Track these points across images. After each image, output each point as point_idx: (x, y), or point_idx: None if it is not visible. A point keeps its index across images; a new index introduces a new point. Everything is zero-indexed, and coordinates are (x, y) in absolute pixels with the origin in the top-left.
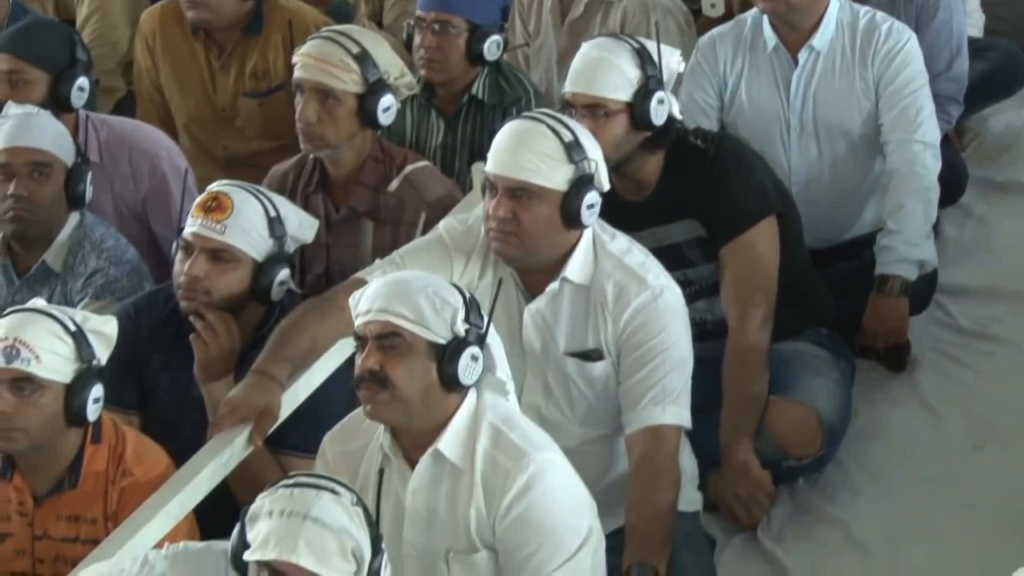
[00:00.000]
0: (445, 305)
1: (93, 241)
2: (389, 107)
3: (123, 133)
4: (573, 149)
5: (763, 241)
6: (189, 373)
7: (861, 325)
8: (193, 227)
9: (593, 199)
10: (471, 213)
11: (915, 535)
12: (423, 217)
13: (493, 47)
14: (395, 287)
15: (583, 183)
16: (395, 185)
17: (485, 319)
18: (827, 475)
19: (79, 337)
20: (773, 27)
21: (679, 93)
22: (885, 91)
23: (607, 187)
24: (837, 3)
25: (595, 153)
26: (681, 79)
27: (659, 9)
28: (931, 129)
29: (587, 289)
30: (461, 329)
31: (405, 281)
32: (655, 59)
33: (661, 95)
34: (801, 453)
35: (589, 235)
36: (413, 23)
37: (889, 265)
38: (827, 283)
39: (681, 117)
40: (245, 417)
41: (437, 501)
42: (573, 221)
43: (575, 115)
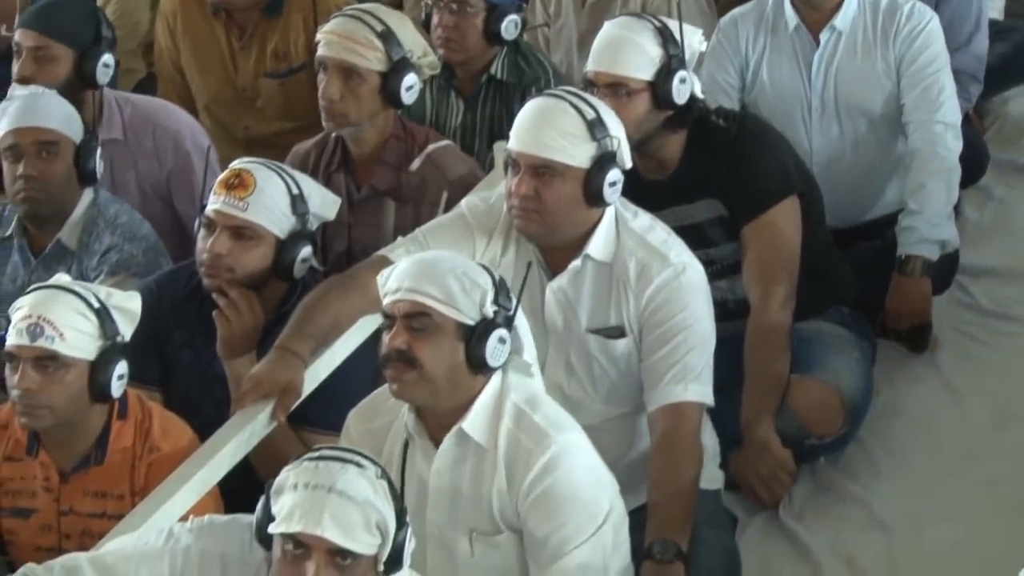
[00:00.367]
0: (475, 286)
1: (107, 218)
2: (412, 86)
3: (147, 111)
4: (595, 127)
5: (785, 220)
6: (212, 350)
7: (884, 305)
8: (216, 204)
9: (615, 177)
10: (493, 191)
11: (936, 514)
12: (445, 196)
13: (511, 27)
14: (425, 267)
15: (605, 161)
16: (417, 164)
17: (513, 301)
18: (848, 454)
19: (103, 314)
20: (794, 7)
21: (700, 73)
22: (907, 71)
23: (629, 165)
24: None
25: (617, 131)
26: (703, 59)
27: None
28: (952, 109)
29: (609, 267)
30: (490, 311)
31: (435, 261)
32: (677, 38)
33: (683, 74)
34: (823, 432)
35: (611, 213)
36: (431, 3)
37: (911, 245)
38: (849, 263)
39: (703, 97)
40: (268, 393)
41: (461, 480)
42: (595, 199)
43: (597, 94)
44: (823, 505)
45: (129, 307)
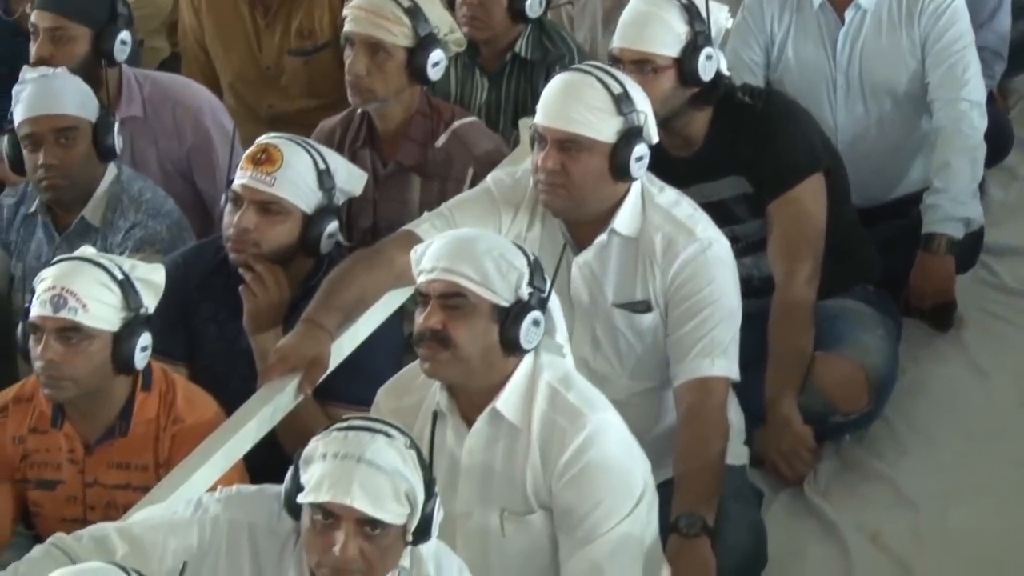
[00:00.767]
0: (511, 268)
1: (131, 195)
2: (438, 62)
3: (166, 88)
4: (622, 101)
5: (810, 197)
6: (238, 324)
7: (908, 283)
8: (243, 179)
9: (642, 151)
10: (519, 167)
11: (962, 492)
12: (470, 172)
13: (535, 4)
14: (461, 246)
15: (632, 135)
16: (443, 140)
17: (548, 283)
18: (874, 432)
19: (126, 286)
20: None
21: (725, 51)
22: (932, 49)
23: (656, 139)
24: None
25: (644, 105)
26: (728, 36)
27: None
28: (978, 87)
29: (635, 241)
30: (525, 293)
31: (471, 240)
32: (703, 15)
33: (709, 51)
34: (848, 408)
35: (637, 187)
36: None
37: (935, 223)
38: (874, 241)
39: (728, 74)
40: (295, 366)
41: (493, 460)
42: (622, 173)
43: (623, 71)
44: (848, 482)
45: (153, 279)
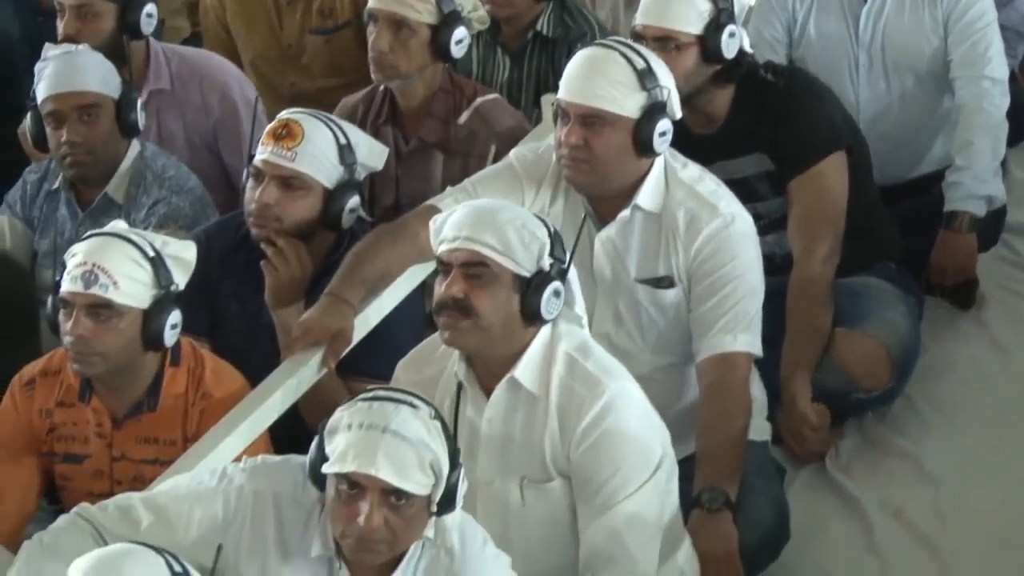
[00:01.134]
0: (533, 238)
1: (155, 171)
2: (462, 40)
3: (194, 63)
4: (646, 76)
5: (832, 175)
6: (260, 300)
7: (929, 261)
8: (264, 154)
9: (665, 126)
10: (542, 143)
11: (985, 469)
12: (493, 149)
13: None
14: (483, 215)
15: (655, 110)
16: (465, 117)
17: (568, 254)
18: (896, 409)
19: (158, 263)
20: None
21: (747, 28)
22: (954, 27)
23: (679, 115)
24: None
25: (667, 80)
26: (751, 13)
27: None
28: (1000, 65)
29: (658, 217)
30: (546, 263)
31: (493, 210)
32: None
33: (732, 28)
34: (870, 385)
35: (661, 163)
36: None
37: (957, 201)
38: (895, 220)
39: (751, 51)
40: (319, 339)
41: (513, 429)
42: (645, 148)
43: (646, 47)
44: (871, 459)
45: (184, 256)
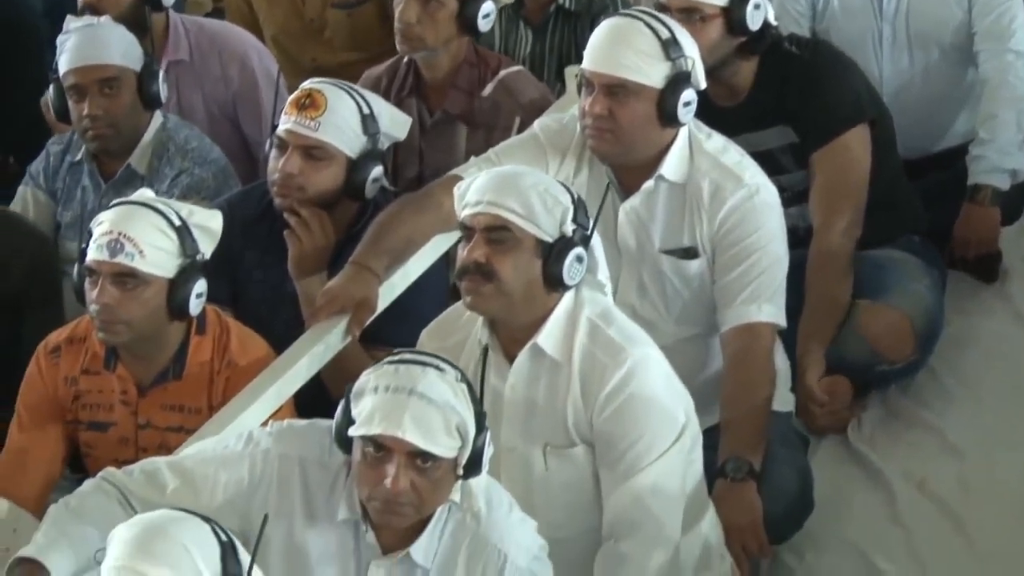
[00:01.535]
0: (556, 204)
1: (177, 143)
2: (488, 14)
3: (213, 34)
4: (670, 46)
5: (855, 147)
6: (283, 269)
7: (952, 233)
8: (287, 124)
9: (690, 96)
10: (566, 113)
11: (1008, 440)
12: (517, 120)
13: None
14: (507, 181)
15: (680, 80)
16: (489, 89)
17: (591, 221)
18: (919, 382)
19: (183, 232)
20: None
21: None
22: None
23: (703, 85)
24: None
25: (692, 50)
26: None
27: None
28: None
29: (683, 187)
30: (569, 229)
31: (517, 175)
32: None
33: (757, 0)
34: (894, 357)
35: (685, 133)
36: None
37: (981, 174)
38: (918, 194)
39: (776, 24)
40: (343, 308)
41: (536, 395)
42: (670, 119)
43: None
44: (894, 431)
45: (210, 225)
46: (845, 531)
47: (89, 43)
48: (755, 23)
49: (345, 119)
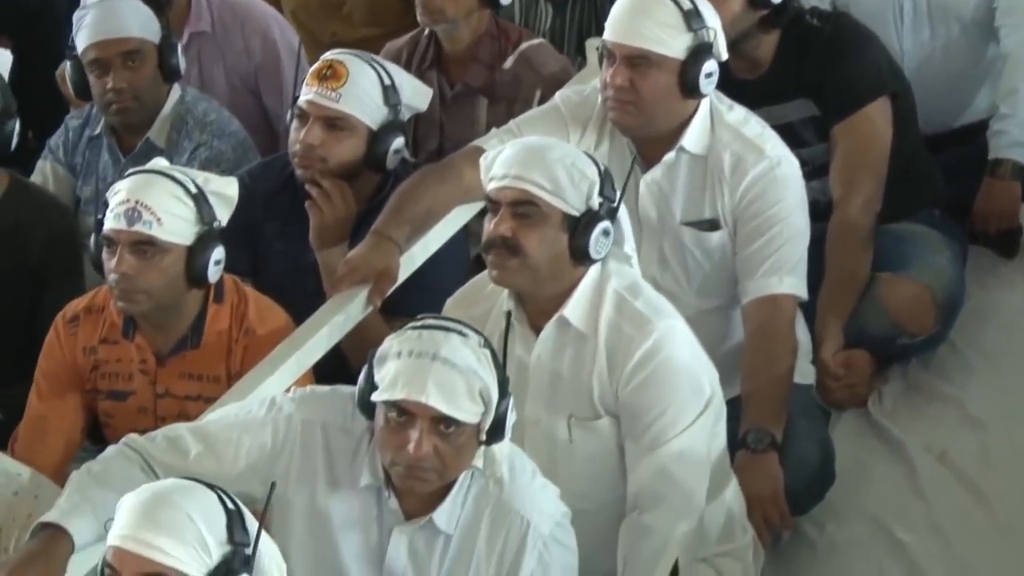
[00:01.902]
0: (583, 178)
1: (196, 116)
2: None
3: (235, 6)
4: (692, 17)
5: (876, 120)
6: (304, 241)
7: (973, 208)
8: (308, 95)
9: (711, 68)
10: (587, 85)
11: None
12: (538, 93)
13: None
14: (533, 154)
15: (702, 51)
16: (510, 62)
17: (618, 194)
18: (940, 355)
19: (200, 199)
20: None
21: None
22: None
23: (725, 56)
24: None
25: (713, 21)
26: None
27: None
28: None
29: (704, 159)
30: (595, 202)
31: (544, 148)
32: None
33: None
34: (914, 330)
35: (706, 105)
36: None
37: (1002, 149)
38: (940, 168)
39: None
40: (364, 277)
41: (561, 366)
42: (691, 90)
43: None
44: (915, 404)
45: (227, 192)
46: (866, 503)
47: (108, 17)
48: None
49: (366, 90)
